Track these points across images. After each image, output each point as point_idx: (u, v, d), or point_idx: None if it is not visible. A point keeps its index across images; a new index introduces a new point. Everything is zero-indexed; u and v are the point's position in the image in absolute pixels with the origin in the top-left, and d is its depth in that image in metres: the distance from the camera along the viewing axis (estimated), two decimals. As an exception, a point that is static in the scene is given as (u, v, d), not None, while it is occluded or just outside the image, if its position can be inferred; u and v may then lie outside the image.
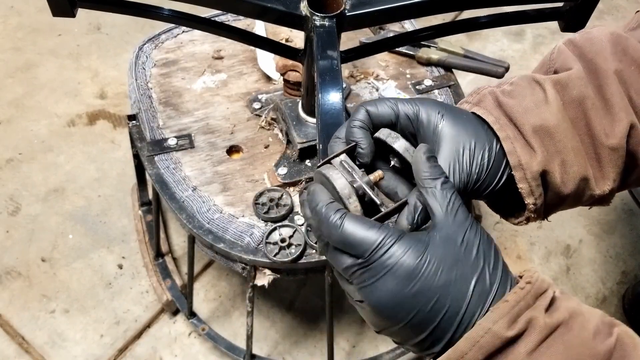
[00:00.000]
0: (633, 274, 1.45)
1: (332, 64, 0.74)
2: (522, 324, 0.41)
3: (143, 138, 1.04)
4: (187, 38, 1.21)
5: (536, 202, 0.51)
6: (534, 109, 0.51)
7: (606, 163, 0.52)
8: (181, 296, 1.30)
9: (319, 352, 1.29)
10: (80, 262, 1.39)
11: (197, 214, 0.96)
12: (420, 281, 0.43)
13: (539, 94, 0.52)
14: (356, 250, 0.44)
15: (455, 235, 0.44)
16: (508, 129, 0.51)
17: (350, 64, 1.20)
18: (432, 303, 0.43)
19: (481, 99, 0.54)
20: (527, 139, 0.50)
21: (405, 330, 0.45)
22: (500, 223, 1.52)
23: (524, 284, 0.43)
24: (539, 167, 0.50)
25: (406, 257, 0.43)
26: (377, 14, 0.80)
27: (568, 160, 0.51)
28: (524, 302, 0.42)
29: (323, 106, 0.70)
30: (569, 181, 0.51)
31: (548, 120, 0.50)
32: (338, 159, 0.50)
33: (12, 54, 1.81)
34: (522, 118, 0.51)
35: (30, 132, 1.62)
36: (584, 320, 0.42)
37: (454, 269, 0.43)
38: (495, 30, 2.00)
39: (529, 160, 0.50)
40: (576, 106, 0.52)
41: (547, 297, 0.43)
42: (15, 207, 1.47)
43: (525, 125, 0.50)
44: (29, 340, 1.27)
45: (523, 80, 0.54)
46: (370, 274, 0.44)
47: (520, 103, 0.52)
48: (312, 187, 0.48)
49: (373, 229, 0.44)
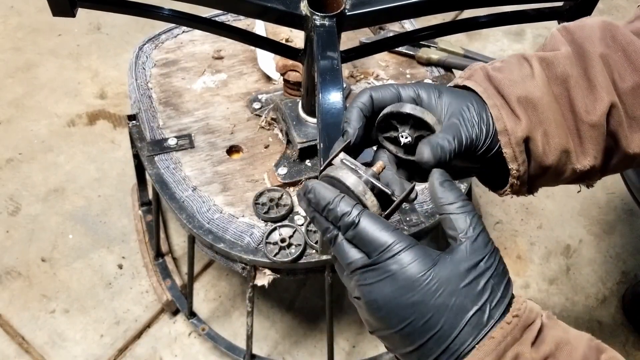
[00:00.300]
0: (633, 274, 1.45)
1: (332, 63, 0.74)
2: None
3: (143, 138, 1.04)
4: (187, 38, 1.21)
5: (519, 169, 0.54)
6: (520, 82, 0.54)
7: (587, 139, 0.54)
8: (181, 296, 1.30)
9: (319, 352, 1.29)
10: (80, 262, 1.39)
11: (197, 214, 0.95)
12: (417, 294, 0.43)
13: (526, 69, 0.55)
14: (367, 247, 0.45)
15: (467, 263, 0.44)
16: (495, 98, 0.54)
17: (350, 64, 1.20)
18: (425, 320, 0.43)
19: (472, 74, 0.57)
20: (512, 108, 0.53)
21: (395, 337, 0.45)
22: (500, 223, 1.52)
23: (510, 317, 0.43)
24: (523, 133, 0.53)
25: (411, 267, 0.44)
26: (377, 13, 0.80)
27: (550, 131, 0.53)
28: (511, 336, 0.42)
29: (323, 106, 0.70)
30: (551, 152, 0.54)
31: (532, 93, 0.53)
32: (338, 159, 0.51)
33: (12, 54, 1.81)
34: (508, 89, 0.54)
35: (30, 132, 1.62)
36: (571, 350, 0.42)
37: (454, 296, 0.43)
38: (495, 30, 2.00)
39: (513, 127, 0.53)
40: (560, 83, 0.55)
41: (534, 329, 0.43)
42: (15, 207, 1.47)
43: (511, 95, 0.54)
44: (29, 340, 1.27)
45: (513, 57, 0.58)
46: (372, 275, 0.45)
47: (508, 76, 0.55)
48: (311, 185, 0.48)
49: (387, 230, 0.45)
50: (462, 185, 1.02)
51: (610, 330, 1.36)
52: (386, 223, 0.46)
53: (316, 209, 0.48)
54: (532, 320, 0.43)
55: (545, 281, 1.43)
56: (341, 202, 0.46)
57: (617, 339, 1.35)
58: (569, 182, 0.58)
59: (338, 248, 0.47)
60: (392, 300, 0.44)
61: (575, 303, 1.40)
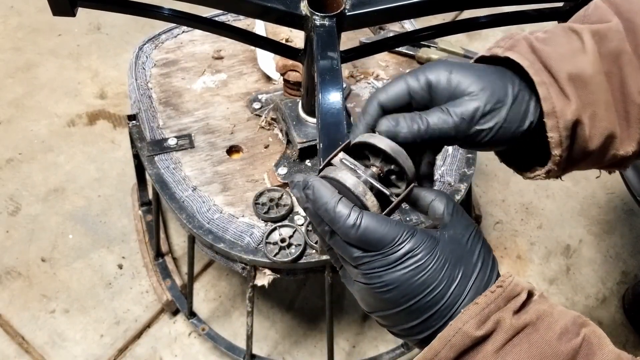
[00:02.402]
0: (633, 273, 1.45)
1: (332, 63, 0.74)
2: (490, 325, 0.43)
3: (143, 138, 1.04)
4: (187, 38, 1.21)
5: (562, 154, 0.50)
6: (570, 57, 0.49)
7: (634, 122, 0.50)
8: (181, 296, 1.30)
9: (319, 352, 1.29)
10: (80, 262, 1.39)
11: (197, 214, 0.95)
12: (427, 273, 0.45)
13: (575, 42, 0.50)
14: (374, 247, 0.46)
15: (461, 236, 0.47)
16: (543, 74, 0.49)
17: (350, 64, 1.20)
18: (434, 294, 0.45)
19: (514, 44, 0.52)
20: (561, 86, 0.49)
21: (398, 315, 0.47)
22: (500, 223, 1.52)
23: (495, 287, 0.45)
24: (573, 116, 0.48)
25: (419, 250, 0.45)
26: (377, 13, 0.80)
27: (599, 113, 0.49)
28: (495, 304, 0.44)
29: (323, 106, 0.70)
30: (596, 136, 0.50)
31: (584, 70, 0.49)
32: (337, 158, 0.50)
33: (12, 54, 1.81)
34: (558, 65, 0.49)
35: (30, 132, 1.62)
36: (552, 322, 0.44)
37: (458, 266, 0.46)
38: (495, 31, 2.00)
39: (563, 108, 0.48)
40: (612, 60, 0.50)
41: (518, 300, 0.45)
42: (15, 207, 1.47)
43: (561, 72, 0.49)
44: (29, 340, 1.27)
45: (558, 28, 0.53)
46: (382, 264, 0.46)
47: (557, 50, 0.50)
48: (311, 182, 0.48)
49: (390, 226, 0.45)
50: (462, 185, 1.02)
51: (610, 330, 1.36)
52: (385, 218, 0.46)
53: (313, 206, 0.48)
54: (517, 293, 0.45)
55: (545, 281, 1.43)
56: (339, 203, 0.46)
57: (617, 339, 1.35)
58: (604, 167, 0.55)
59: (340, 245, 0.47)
60: (403, 282, 0.45)
61: (575, 303, 1.40)
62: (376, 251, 0.45)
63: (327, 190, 0.47)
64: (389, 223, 0.46)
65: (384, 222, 0.46)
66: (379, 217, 0.46)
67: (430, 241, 0.46)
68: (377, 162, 0.50)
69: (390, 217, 0.47)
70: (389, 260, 0.45)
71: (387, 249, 0.45)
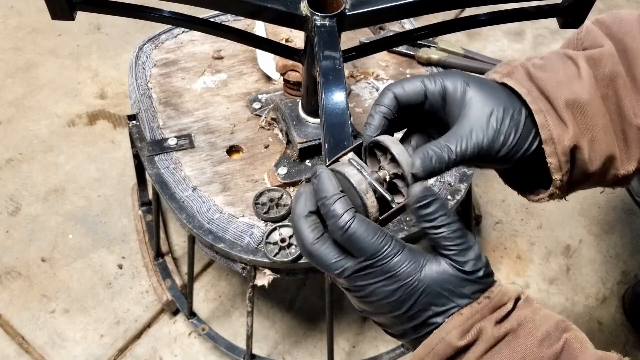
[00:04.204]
0: (633, 274, 1.45)
1: (334, 63, 0.74)
2: (472, 335, 0.44)
3: (143, 138, 1.04)
4: (187, 38, 1.21)
5: (562, 178, 0.51)
6: (567, 83, 0.50)
7: (633, 143, 0.51)
8: (181, 296, 1.30)
9: (319, 352, 1.29)
10: (80, 262, 1.39)
11: (197, 214, 0.95)
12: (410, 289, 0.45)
13: (571, 68, 0.52)
14: (358, 252, 0.45)
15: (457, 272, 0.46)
16: (540, 101, 0.50)
17: (350, 64, 1.20)
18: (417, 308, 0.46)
19: (512, 71, 0.53)
20: (559, 113, 0.50)
21: (392, 319, 0.47)
22: (500, 223, 1.52)
23: (482, 298, 0.45)
24: (571, 142, 0.49)
25: (403, 268, 0.45)
26: (377, 13, 0.80)
27: (597, 137, 0.50)
28: (479, 314, 0.45)
29: (327, 106, 0.70)
30: (596, 159, 0.51)
31: (581, 96, 0.50)
32: (346, 157, 0.51)
33: (12, 54, 1.81)
34: (555, 91, 0.50)
35: (30, 132, 1.62)
36: (533, 328, 0.44)
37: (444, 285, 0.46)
38: (495, 30, 2.00)
39: (560, 135, 0.49)
40: (608, 83, 0.51)
41: (504, 309, 0.45)
42: (15, 207, 1.47)
43: (559, 98, 0.50)
44: (29, 340, 1.27)
45: (554, 55, 0.54)
46: (365, 277, 0.46)
47: (553, 76, 0.51)
48: (319, 172, 0.48)
49: (378, 237, 0.45)
50: (462, 185, 1.02)
51: (611, 330, 1.36)
52: (377, 228, 0.46)
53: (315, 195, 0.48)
54: (504, 302, 0.46)
55: (545, 281, 1.43)
56: (337, 201, 0.46)
57: (617, 339, 1.35)
58: (607, 186, 0.56)
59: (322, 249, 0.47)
60: (386, 297, 0.46)
61: (575, 303, 1.40)
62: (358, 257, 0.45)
63: (331, 185, 0.47)
64: (378, 234, 0.45)
65: (373, 232, 0.45)
66: (370, 225, 0.46)
67: (416, 262, 0.45)
68: (386, 163, 0.50)
69: (382, 228, 0.46)
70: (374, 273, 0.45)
71: (372, 259, 0.45)
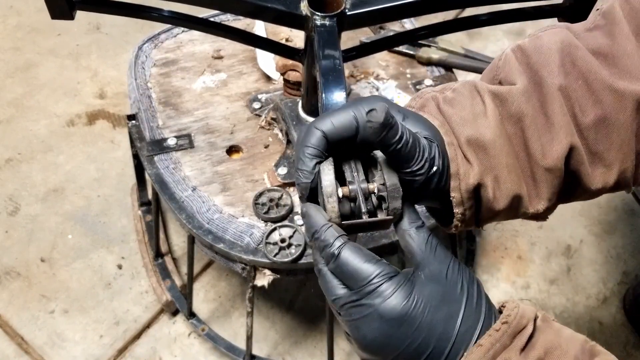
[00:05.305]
0: (634, 274, 1.45)
1: (334, 63, 0.74)
2: None
3: (143, 138, 1.04)
4: (187, 38, 1.21)
5: (465, 213, 0.51)
6: (471, 121, 0.50)
7: (541, 182, 0.50)
8: (181, 296, 1.30)
9: (319, 352, 1.28)
10: (79, 262, 1.39)
11: (197, 214, 0.95)
12: (406, 322, 0.43)
13: (478, 105, 0.51)
14: (349, 280, 0.44)
15: (438, 272, 0.44)
16: (452, 135, 0.50)
17: (350, 64, 1.20)
18: (417, 343, 0.43)
19: (424, 104, 0.53)
20: (463, 150, 0.49)
21: None
22: (501, 223, 1.51)
23: (499, 324, 0.43)
24: (474, 180, 0.49)
25: (394, 297, 0.43)
26: (377, 12, 0.80)
27: (501, 176, 0.49)
28: (500, 343, 0.42)
29: (327, 106, 0.70)
30: (502, 197, 0.50)
31: (484, 135, 0.49)
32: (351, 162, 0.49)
33: (12, 54, 1.80)
34: (459, 128, 0.50)
35: (30, 132, 1.62)
36: (561, 354, 0.42)
37: (441, 307, 0.43)
38: (495, 30, 2.00)
39: (467, 171, 0.49)
40: (514, 122, 0.50)
41: (524, 335, 0.43)
42: (14, 207, 1.47)
43: (461, 136, 0.49)
44: (29, 340, 1.27)
45: (465, 88, 0.53)
46: (357, 310, 0.44)
47: (459, 112, 0.50)
48: (305, 209, 0.47)
49: (368, 262, 0.44)
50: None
51: (611, 330, 1.36)
52: (368, 254, 0.45)
53: (307, 233, 0.47)
54: (523, 326, 0.43)
55: (546, 281, 1.43)
56: (326, 231, 0.45)
57: (618, 339, 1.35)
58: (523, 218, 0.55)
59: (323, 280, 0.46)
60: (381, 334, 0.43)
61: (576, 303, 1.40)
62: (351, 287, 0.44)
63: (319, 217, 0.46)
64: (368, 259, 0.44)
65: (364, 257, 0.44)
66: (361, 250, 0.45)
67: (406, 285, 0.44)
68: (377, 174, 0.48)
69: (372, 254, 0.45)
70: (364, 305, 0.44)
71: (361, 287, 0.44)
